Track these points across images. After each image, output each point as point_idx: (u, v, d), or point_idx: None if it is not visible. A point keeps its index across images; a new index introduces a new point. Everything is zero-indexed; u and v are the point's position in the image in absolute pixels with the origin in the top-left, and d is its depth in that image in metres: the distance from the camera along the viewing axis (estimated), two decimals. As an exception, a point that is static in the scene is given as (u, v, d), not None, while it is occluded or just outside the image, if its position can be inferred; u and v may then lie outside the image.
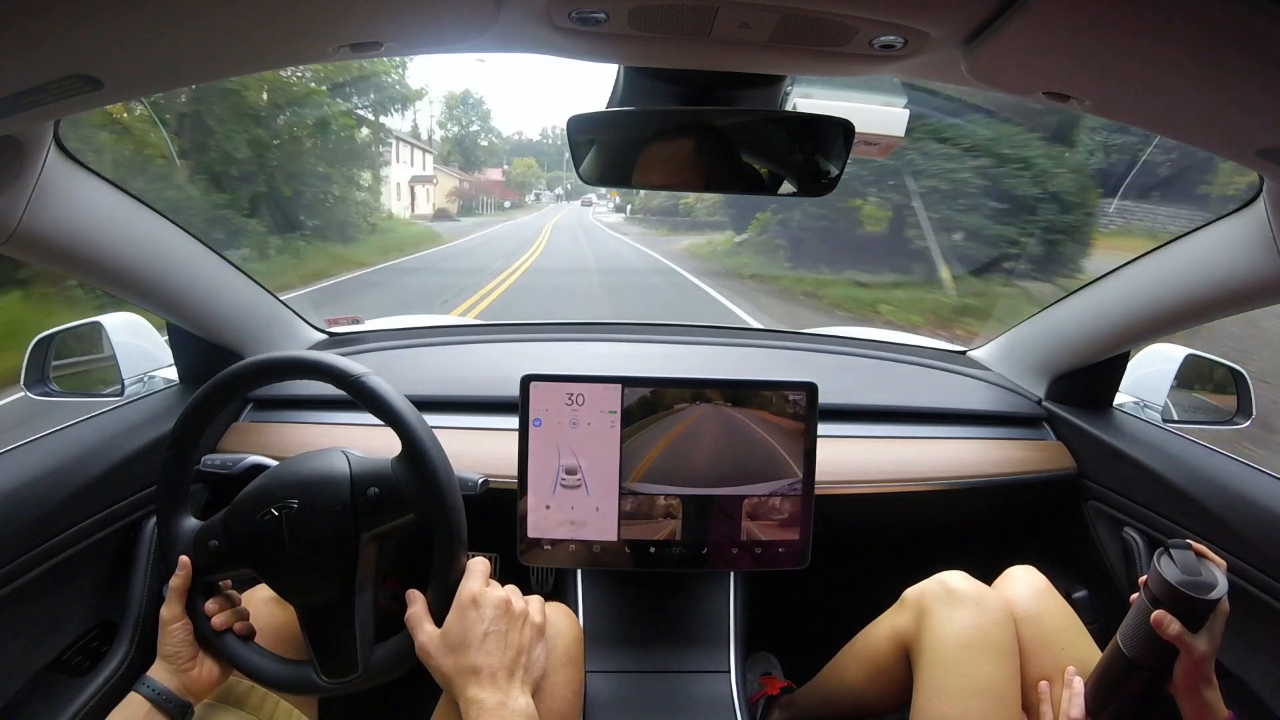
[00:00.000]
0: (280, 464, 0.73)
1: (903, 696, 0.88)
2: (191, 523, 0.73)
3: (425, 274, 11.03)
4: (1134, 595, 0.76)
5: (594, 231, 23.21)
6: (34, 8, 0.40)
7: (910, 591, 0.91)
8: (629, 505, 0.94)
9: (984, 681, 0.80)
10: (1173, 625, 0.69)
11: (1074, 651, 0.86)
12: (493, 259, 12.70)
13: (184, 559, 0.71)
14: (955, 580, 0.88)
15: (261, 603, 0.79)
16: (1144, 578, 0.74)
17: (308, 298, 7.77)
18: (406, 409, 0.67)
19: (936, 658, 0.83)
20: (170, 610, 0.70)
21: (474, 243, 17.71)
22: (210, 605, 0.70)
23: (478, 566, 0.68)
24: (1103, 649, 0.82)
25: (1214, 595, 0.69)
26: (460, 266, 11.97)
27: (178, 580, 0.70)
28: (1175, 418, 1.15)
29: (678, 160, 0.78)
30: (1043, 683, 0.85)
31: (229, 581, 0.73)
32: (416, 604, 0.67)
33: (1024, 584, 0.92)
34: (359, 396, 0.67)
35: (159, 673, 0.68)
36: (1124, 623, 0.75)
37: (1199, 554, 0.72)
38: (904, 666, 0.89)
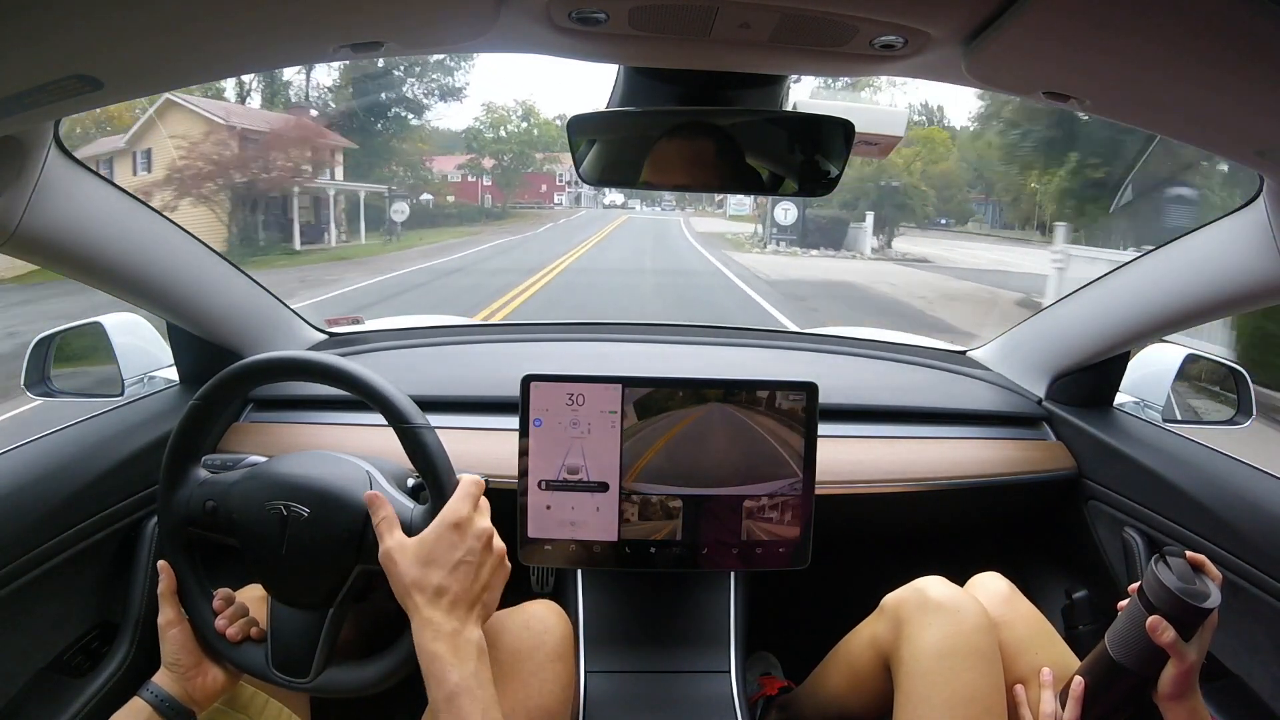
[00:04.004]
0: (306, 456, 0.72)
1: (885, 705, 0.87)
2: (201, 473, 0.73)
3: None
4: (1121, 602, 0.76)
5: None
6: (34, 7, 0.40)
7: (889, 598, 0.90)
8: (629, 505, 0.94)
9: (967, 691, 0.79)
10: (1167, 632, 0.69)
11: (1047, 655, 0.86)
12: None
13: (162, 564, 0.70)
14: (933, 587, 0.87)
15: (253, 602, 0.79)
16: (1135, 584, 0.74)
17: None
18: (449, 475, 0.67)
19: (918, 669, 0.82)
20: (164, 616, 0.69)
21: None
22: (220, 622, 0.70)
23: (471, 489, 0.66)
24: (1081, 652, 0.82)
25: (1209, 604, 0.69)
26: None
27: (163, 585, 0.70)
28: (1175, 418, 1.15)
29: (678, 160, 0.78)
30: (1018, 686, 0.84)
31: (230, 592, 0.73)
32: (384, 509, 0.65)
33: (989, 591, 0.91)
34: (409, 442, 0.67)
35: (164, 679, 0.68)
36: (1113, 627, 0.75)
37: (1195, 564, 0.72)
38: (884, 676, 0.88)
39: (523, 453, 0.93)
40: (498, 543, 0.67)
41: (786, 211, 16.30)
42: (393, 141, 20.61)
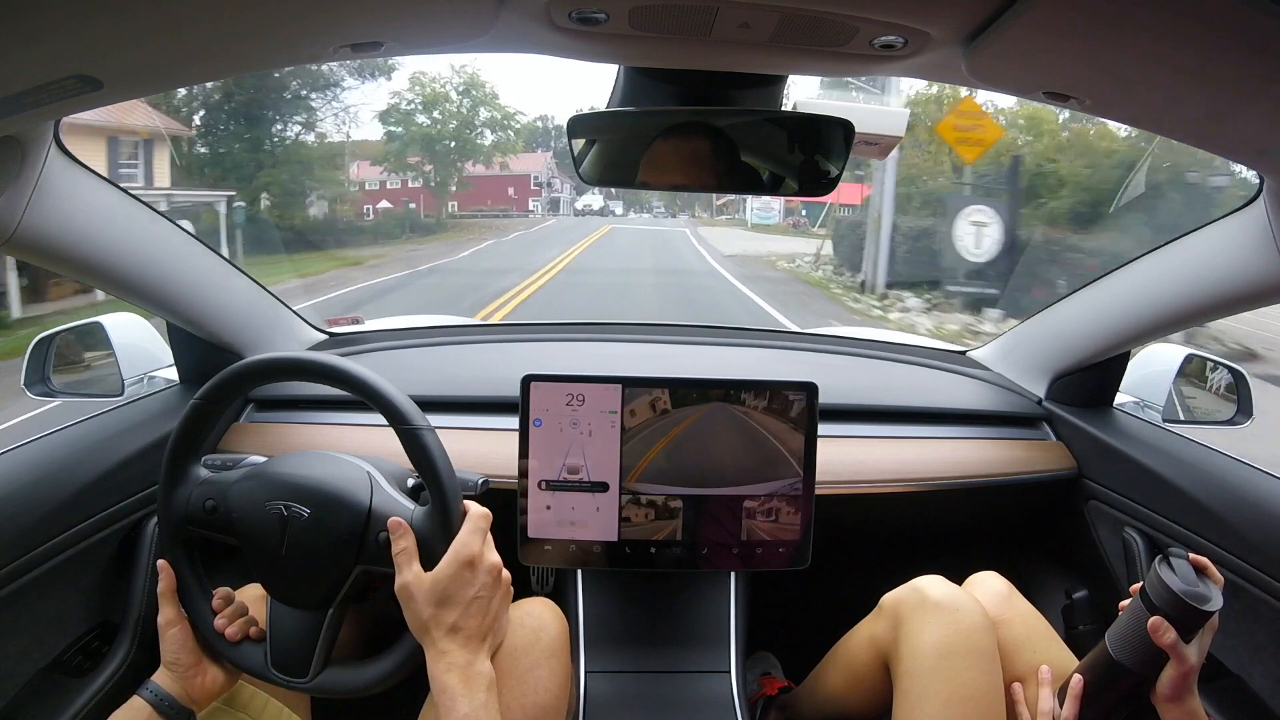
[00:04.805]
0: (306, 456, 0.72)
1: (884, 704, 0.87)
2: (202, 472, 0.73)
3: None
4: (1123, 602, 0.76)
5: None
6: (34, 7, 0.40)
7: (887, 598, 0.91)
8: (629, 505, 0.94)
9: (965, 689, 0.80)
10: (1169, 633, 0.69)
11: (1045, 654, 0.86)
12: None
13: (162, 563, 0.71)
14: (932, 586, 0.87)
15: (252, 601, 0.79)
16: (1137, 585, 0.74)
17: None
18: (449, 476, 0.67)
19: (916, 666, 0.82)
20: (164, 615, 0.70)
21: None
22: (219, 621, 0.70)
23: (480, 522, 0.67)
24: (1081, 652, 0.82)
25: (1211, 607, 0.69)
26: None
27: (162, 584, 0.70)
28: (1175, 418, 1.15)
29: (678, 160, 0.78)
30: (1015, 684, 0.85)
31: (229, 592, 0.73)
32: (406, 539, 0.65)
33: (987, 590, 0.91)
34: (409, 443, 0.67)
35: (163, 678, 0.68)
36: (1114, 626, 0.75)
37: (1198, 566, 0.72)
38: (883, 675, 0.88)
39: (523, 453, 0.93)
40: (505, 574, 0.69)
41: (981, 231, 7.09)
42: (278, 134, 13.46)
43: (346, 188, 16.52)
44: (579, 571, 1.08)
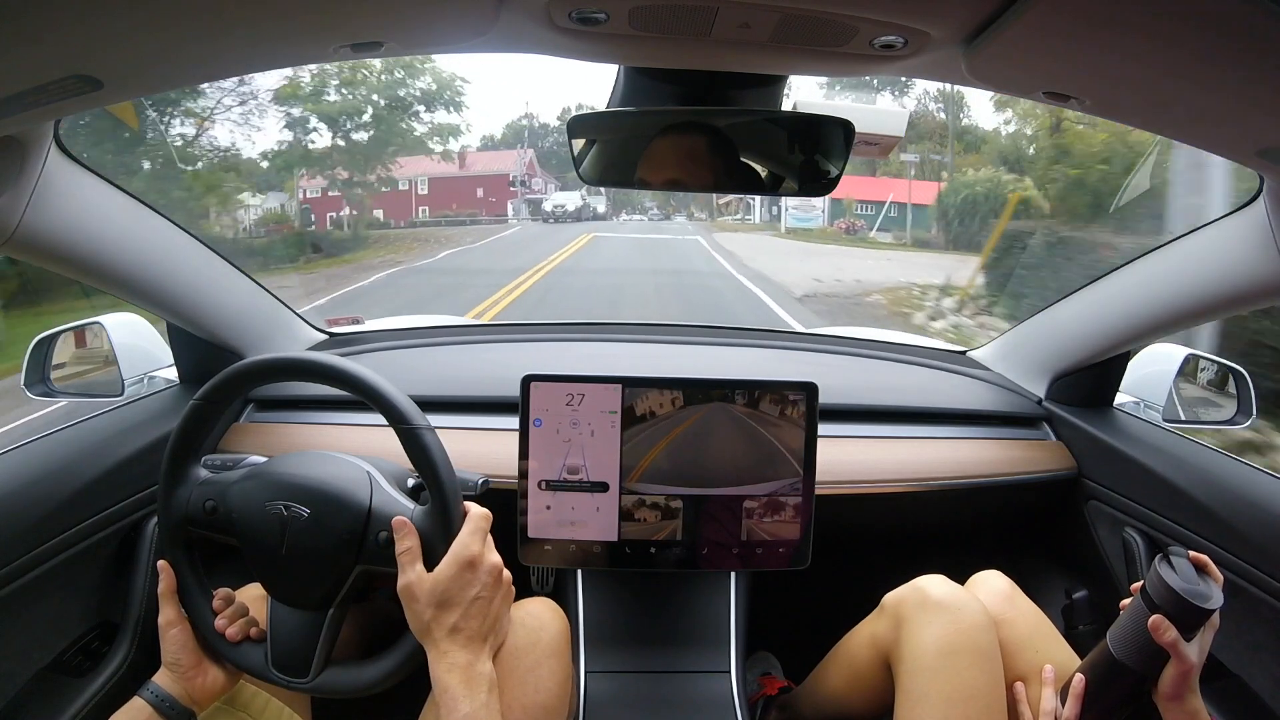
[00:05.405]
0: (306, 457, 0.72)
1: (885, 703, 0.87)
2: (201, 473, 0.73)
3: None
4: (1124, 601, 0.76)
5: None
6: (34, 7, 0.40)
7: (889, 597, 0.91)
8: (629, 505, 0.94)
9: (967, 688, 0.80)
10: (1169, 632, 0.69)
11: (1047, 654, 0.86)
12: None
13: (162, 563, 0.71)
14: (933, 586, 0.87)
15: (252, 601, 0.79)
16: (1138, 583, 0.74)
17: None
18: (449, 476, 0.67)
19: (917, 666, 0.82)
20: (164, 615, 0.70)
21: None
22: (220, 621, 0.70)
23: (480, 523, 0.67)
24: (1081, 652, 0.82)
25: (1211, 605, 0.69)
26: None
27: (163, 585, 0.70)
28: (1176, 418, 1.15)
29: (678, 160, 0.78)
30: (1018, 683, 0.85)
31: (229, 592, 0.73)
32: (410, 539, 0.66)
33: (990, 589, 0.91)
34: (409, 443, 0.67)
35: (164, 679, 0.68)
36: (1115, 625, 0.76)
37: (1198, 564, 0.72)
38: (885, 674, 0.88)
39: (523, 453, 0.93)
40: (506, 575, 0.69)
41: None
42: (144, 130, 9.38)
43: (227, 200, 11.52)
44: (579, 571, 1.08)
